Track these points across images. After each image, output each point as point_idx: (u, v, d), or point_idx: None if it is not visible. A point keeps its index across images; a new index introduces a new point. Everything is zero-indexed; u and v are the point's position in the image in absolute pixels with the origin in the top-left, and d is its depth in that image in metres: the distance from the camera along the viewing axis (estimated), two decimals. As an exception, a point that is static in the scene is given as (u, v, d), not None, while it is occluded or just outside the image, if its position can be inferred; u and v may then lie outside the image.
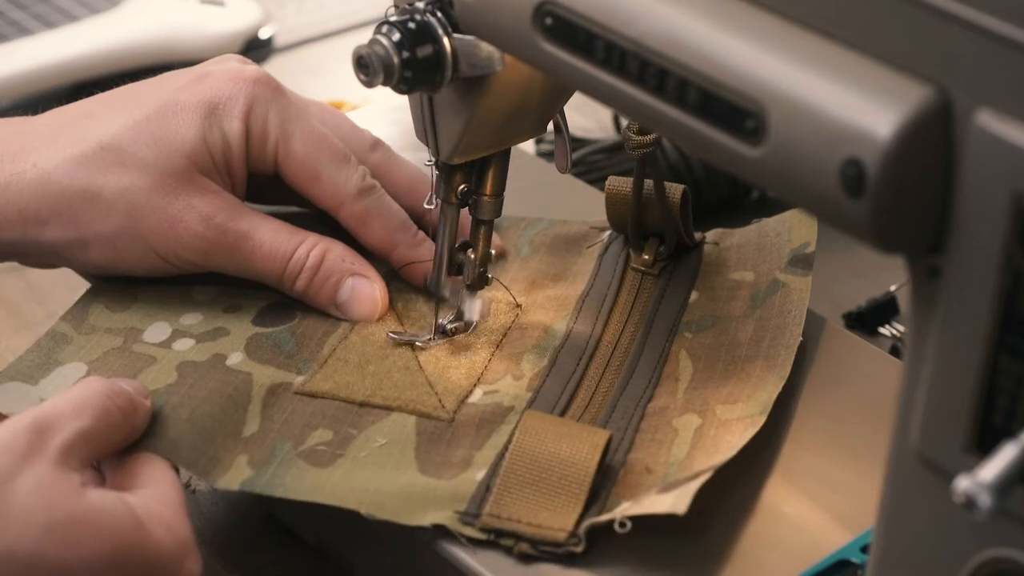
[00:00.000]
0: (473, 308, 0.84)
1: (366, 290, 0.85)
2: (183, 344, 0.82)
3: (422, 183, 0.88)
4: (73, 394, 0.71)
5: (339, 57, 1.27)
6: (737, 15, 0.58)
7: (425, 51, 0.74)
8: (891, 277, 0.96)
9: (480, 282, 0.84)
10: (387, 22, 0.75)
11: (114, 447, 0.73)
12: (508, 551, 0.72)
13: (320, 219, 0.88)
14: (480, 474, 0.75)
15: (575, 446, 0.74)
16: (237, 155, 0.84)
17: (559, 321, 0.86)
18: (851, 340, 0.84)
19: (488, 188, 0.83)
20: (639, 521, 0.71)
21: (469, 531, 0.72)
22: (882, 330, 0.96)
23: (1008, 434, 0.54)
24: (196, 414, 0.77)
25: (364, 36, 0.75)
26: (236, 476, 0.75)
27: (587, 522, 0.72)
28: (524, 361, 0.83)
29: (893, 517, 0.60)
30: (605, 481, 0.75)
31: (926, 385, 0.57)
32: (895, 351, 0.92)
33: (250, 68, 0.86)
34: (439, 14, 0.74)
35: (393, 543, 0.75)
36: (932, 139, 0.53)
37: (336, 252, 0.85)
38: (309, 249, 0.84)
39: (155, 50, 1.23)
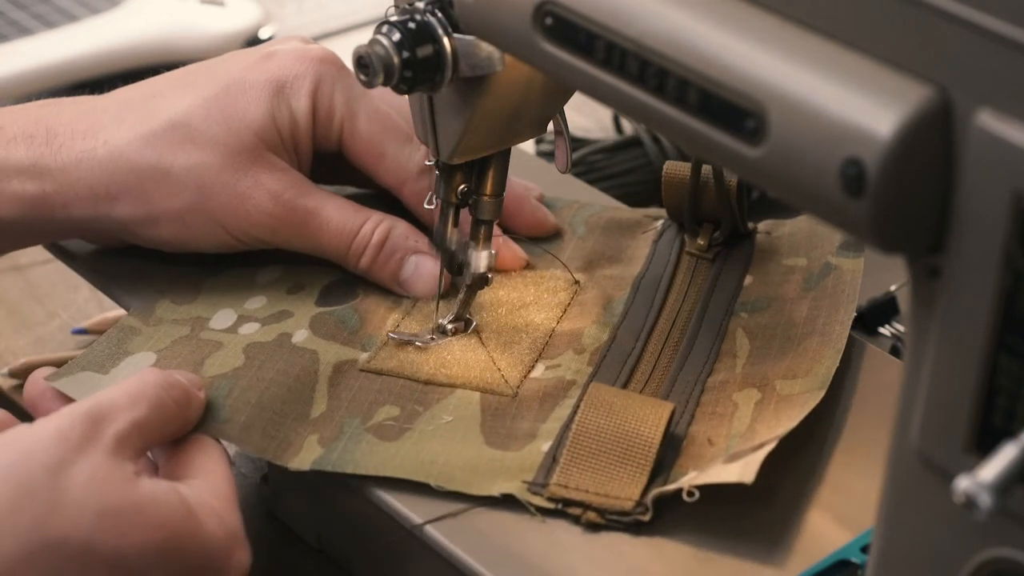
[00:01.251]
0: (480, 261, 0.83)
1: (429, 267, 0.86)
2: (249, 328, 0.83)
3: None
4: (128, 385, 0.72)
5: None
6: (737, 15, 0.58)
7: (425, 51, 0.74)
8: (891, 277, 0.96)
9: (480, 282, 0.85)
10: (387, 22, 0.75)
11: (167, 438, 0.74)
12: (576, 520, 0.73)
13: (379, 199, 0.89)
14: (546, 446, 0.77)
15: (640, 418, 0.76)
16: (304, 133, 0.85)
17: (617, 299, 0.87)
18: (851, 340, 0.84)
19: (488, 188, 0.83)
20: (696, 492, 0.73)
21: (537, 500, 0.74)
22: (882, 330, 0.96)
23: (1008, 434, 0.54)
24: (265, 397, 0.78)
25: (364, 36, 0.75)
26: (307, 456, 0.76)
27: (654, 491, 0.73)
28: (585, 336, 0.84)
29: (893, 517, 0.60)
30: (669, 452, 0.76)
31: (926, 385, 0.57)
32: (895, 351, 0.92)
33: (316, 47, 0.87)
34: (439, 14, 0.75)
35: (393, 543, 0.75)
36: (932, 139, 0.53)
37: (400, 230, 0.86)
38: (374, 226, 0.85)
39: (155, 50, 1.23)
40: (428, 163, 0.83)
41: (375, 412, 0.79)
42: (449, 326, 0.84)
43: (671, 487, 0.73)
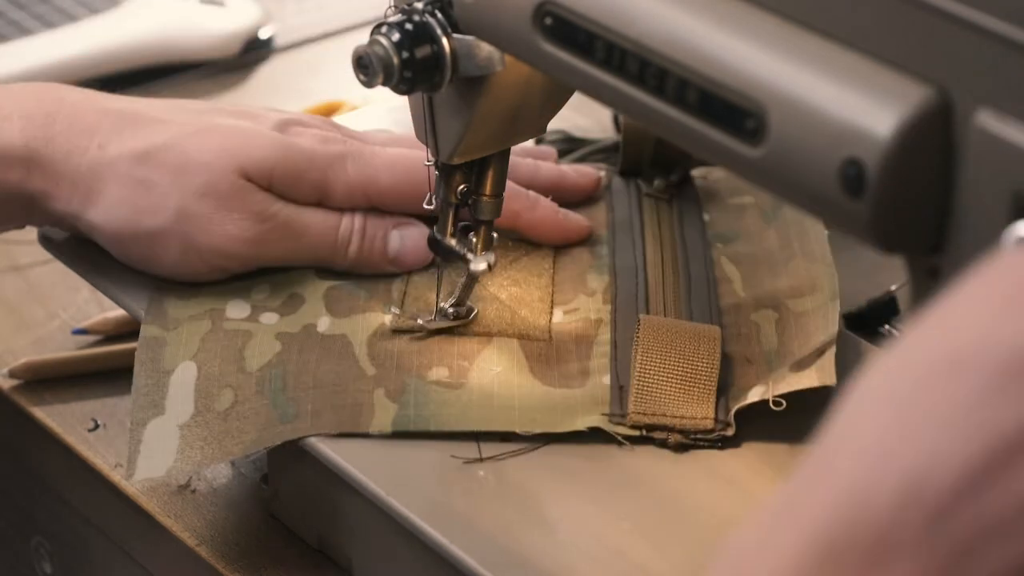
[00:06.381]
0: (478, 265, 0.83)
1: (415, 234, 0.87)
2: (269, 318, 0.84)
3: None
4: None
5: (339, 57, 1.27)
6: (737, 15, 0.58)
7: (424, 51, 0.74)
8: (891, 277, 0.96)
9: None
10: (386, 22, 0.75)
11: None
12: (662, 443, 0.77)
13: None
14: (605, 379, 0.79)
15: (695, 342, 0.79)
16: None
17: (600, 243, 0.89)
18: (851, 340, 0.84)
19: (488, 188, 0.83)
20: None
21: (622, 430, 0.77)
22: (882, 330, 0.96)
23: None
24: (319, 375, 0.79)
25: (364, 36, 0.75)
26: (384, 418, 0.77)
27: (736, 405, 0.77)
28: (588, 280, 0.87)
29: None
30: (723, 373, 0.79)
31: (926, 385, 0.57)
32: (895, 351, 0.92)
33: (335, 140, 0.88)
34: (438, 14, 0.74)
35: (393, 543, 0.75)
36: (932, 139, 0.53)
37: (375, 214, 0.87)
38: (351, 217, 0.86)
39: (155, 50, 1.23)
40: (427, 163, 0.82)
41: (426, 374, 0.80)
42: (451, 310, 0.84)
43: (754, 399, 0.77)
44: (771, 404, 0.76)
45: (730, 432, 0.77)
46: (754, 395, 0.77)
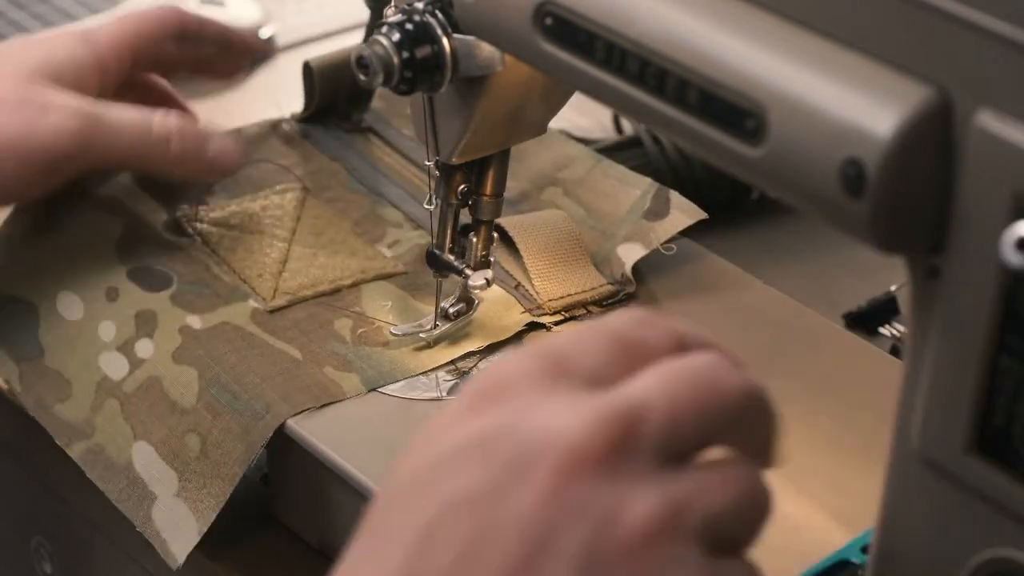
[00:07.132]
0: (475, 281, 0.83)
1: (228, 143, 0.90)
2: (145, 348, 0.82)
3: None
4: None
5: (339, 57, 1.26)
6: (737, 15, 0.58)
7: (424, 51, 0.74)
8: (891, 277, 0.96)
9: (483, 264, 0.84)
10: (386, 22, 0.75)
11: None
12: (584, 317, 0.84)
13: None
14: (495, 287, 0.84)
15: (551, 227, 0.87)
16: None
17: (350, 182, 0.93)
18: (851, 340, 0.84)
19: (488, 188, 0.83)
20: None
21: (547, 319, 0.83)
22: (882, 330, 0.96)
23: (1008, 434, 0.54)
24: (257, 370, 0.79)
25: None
26: (351, 385, 0.79)
27: (629, 264, 0.85)
28: (383, 215, 0.90)
29: (893, 517, 0.60)
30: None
31: (926, 385, 0.57)
32: (895, 351, 0.92)
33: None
34: (439, 14, 0.75)
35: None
36: (932, 139, 0.53)
37: (187, 122, 0.89)
38: (163, 113, 0.88)
39: (155, 50, 1.23)
40: (427, 163, 0.82)
41: (340, 332, 0.82)
42: (452, 309, 0.84)
43: (635, 259, 0.85)
44: (662, 251, 0.85)
45: (631, 288, 0.85)
46: (636, 253, 0.85)
